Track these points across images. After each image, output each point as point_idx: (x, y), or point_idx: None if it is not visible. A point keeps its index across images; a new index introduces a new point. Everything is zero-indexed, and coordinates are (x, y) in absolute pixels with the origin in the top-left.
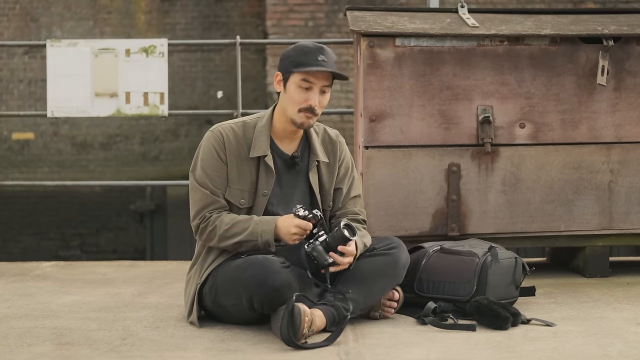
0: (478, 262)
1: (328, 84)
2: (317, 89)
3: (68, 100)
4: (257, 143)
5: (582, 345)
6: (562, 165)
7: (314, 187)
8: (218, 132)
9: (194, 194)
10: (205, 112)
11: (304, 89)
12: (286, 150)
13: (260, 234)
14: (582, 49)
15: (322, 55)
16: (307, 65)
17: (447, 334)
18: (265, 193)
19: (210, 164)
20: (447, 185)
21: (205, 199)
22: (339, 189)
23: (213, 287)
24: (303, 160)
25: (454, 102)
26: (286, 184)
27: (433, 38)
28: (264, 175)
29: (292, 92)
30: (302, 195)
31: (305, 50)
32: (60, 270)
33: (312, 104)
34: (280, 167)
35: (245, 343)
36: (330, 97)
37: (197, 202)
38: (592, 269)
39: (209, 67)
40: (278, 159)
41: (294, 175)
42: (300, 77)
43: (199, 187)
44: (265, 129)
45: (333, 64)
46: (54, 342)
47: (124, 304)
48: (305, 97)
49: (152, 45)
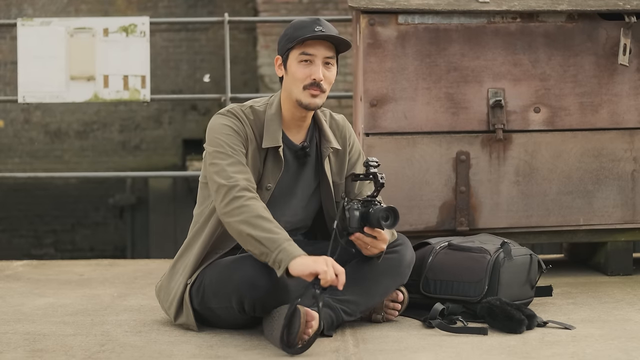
0: (490, 260)
1: (331, 54)
2: (320, 61)
3: (41, 85)
4: (269, 132)
5: (604, 350)
6: (580, 153)
7: (328, 176)
8: (231, 113)
9: (221, 161)
10: (191, 97)
11: (304, 63)
12: (295, 140)
13: (280, 250)
14: (602, 26)
15: (320, 26)
16: (302, 37)
17: (456, 338)
18: (269, 187)
19: (233, 139)
20: (456, 175)
21: (237, 165)
22: (353, 174)
23: (200, 287)
24: (312, 150)
25: (462, 85)
26: (291, 176)
27: (439, 15)
28: (270, 167)
29: (294, 70)
30: (307, 187)
31: (301, 25)
32: (33, 270)
33: (315, 78)
34: (288, 159)
35: (236, 349)
36: None
37: (228, 167)
38: (614, 267)
39: (194, 47)
40: (287, 150)
41: (300, 167)
42: (299, 52)
43: (227, 153)
44: (277, 117)
45: (333, 33)
46: (27, 348)
47: (102, 306)
48: (308, 71)
49: (133, 24)
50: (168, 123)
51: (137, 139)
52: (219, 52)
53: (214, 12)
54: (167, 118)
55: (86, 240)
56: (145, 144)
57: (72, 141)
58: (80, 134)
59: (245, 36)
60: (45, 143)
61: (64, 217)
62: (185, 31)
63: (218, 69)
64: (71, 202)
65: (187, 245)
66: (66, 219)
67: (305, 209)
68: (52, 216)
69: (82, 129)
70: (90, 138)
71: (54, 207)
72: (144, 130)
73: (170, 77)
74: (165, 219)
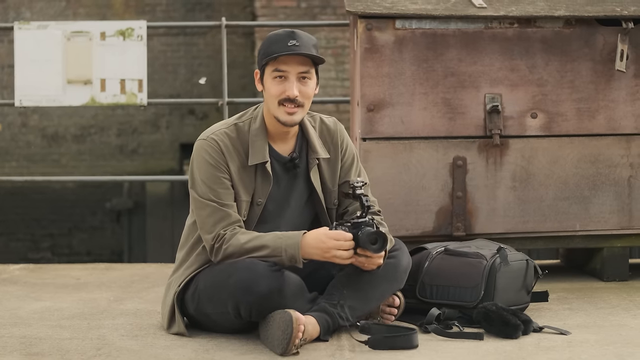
0: (486, 265)
1: (305, 69)
2: (293, 77)
3: (38, 88)
4: (255, 148)
5: (600, 355)
6: (577, 158)
7: (317, 188)
8: (212, 140)
9: (201, 212)
10: (188, 101)
11: (278, 79)
12: (283, 152)
13: (285, 248)
14: (599, 32)
15: (293, 40)
16: (275, 53)
17: (452, 343)
18: (259, 202)
19: (211, 176)
20: (452, 180)
21: (216, 213)
22: (346, 182)
23: (195, 293)
24: (301, 160)
25: (459, 90)
26: (283, 188)
27: (437, 20)
28: (260, 182)
29: (269, 86)
30: (300, 197)
31: (275, 39)
32: (30, 273)
33: (289, 95)
34: (278, 172)
35: (232, 353)
36: (325, 84)
37: (207, 219)
38: (610, 272)
39: (192, 52)
40: (276, 163)
41: (291, 178)
42: (272, 68)
43: (205, 202)
44: (261, 132)
45: (308, 47)
46: (23, 352)
47: (99, 310)
48: (282, 88)
49: (130, 28)
50: (166, 127)
51: (135, 143)
52: (217, 56)
53: (212, 16)
54: (164, 122)
55: (83, 244)
56: (142, 148)
57: (69, 145)
58: (78, 138)
59: (243, 41)
60: (43, 147)
61: (61, 221)
62: (183, 35)
63: (216, 74)
64: (68, 206)
65: (183, 260)
66: (63, 223)
67: (300, 217)
68: (49, 220)
69: (80, 133)
70: (87, 142)
71: (51, 211)
72: (142, 135)
73: (168, 81)
74: (163, 223)
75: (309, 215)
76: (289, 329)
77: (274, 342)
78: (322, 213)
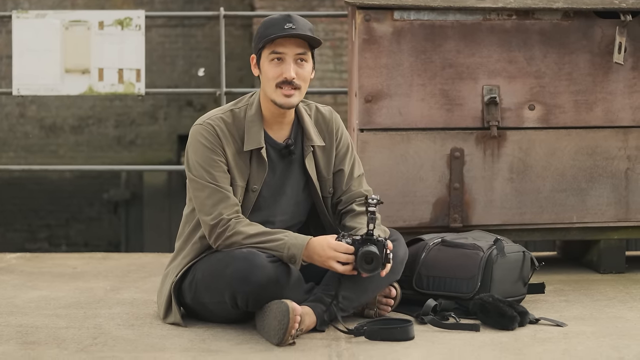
0: (482, 256)
1: (302, 51)
2: (291, 59)
3: (35, 77)
4: (250, 134)
5: (596, 347)
6: (574, 150)
7: (312, 175)
8: (208, 124)
9: (200, 193)
10: (186, 91)
11: (275, 62)
12: (278, 139)
13: (289, 246)
14: (597, 24)
15: (290, 23)
16: (272, 35)
17: (448, 334)
18: (255, 189)
19: (207, 159)
20: (450, 172)
21: (215, 194)
22: (340, 171)
23: (193, 282)
24: (297, 147)
25: (457, 82)
26: (278, 175)
27: (435, 11)
28: (255, 168)
29: (266, 69)
30: (295, 185)
31: (271, 23)
32: (27, 262)
33: (286, 77)
34: (273, 158)
35: (228, 343)
36: (323, 76)
37: (206, 200)
38: (606, 264)
39: (190, 43)
40: (271, 150)
41: (287, 165)
42: (269, 51)
43: (204, 183)
44: (257, 118)
45: (305, 30)
46: (19, 341)
47: (95, 299)
48: (279, 70)
49: (128, 18)
50: (163, 119)
51: (133, 134)
52: (215, 48)
53: (210, 8)
54: (162, 114)
55: (80, 235)
56: (140, 139)
57: (67, 136)
58: (76, 128)
59: (241, 32)
60: (40, 137)
61: (59, 211)
62: (181, 27)
63: (214, 65)
64: (66, 197)
65: (179, 249)
66: (60, 214)
67: (296, 205)
68: (47, 211)
69: (77, 123)
70: (85, 133)
71: (48, 202)
72: (139, 126)
73: (166, 72)
74: (160, 214)
75: (306, 204)
76: (285, 319)
77: (270, 332)
78: (318, 202)
